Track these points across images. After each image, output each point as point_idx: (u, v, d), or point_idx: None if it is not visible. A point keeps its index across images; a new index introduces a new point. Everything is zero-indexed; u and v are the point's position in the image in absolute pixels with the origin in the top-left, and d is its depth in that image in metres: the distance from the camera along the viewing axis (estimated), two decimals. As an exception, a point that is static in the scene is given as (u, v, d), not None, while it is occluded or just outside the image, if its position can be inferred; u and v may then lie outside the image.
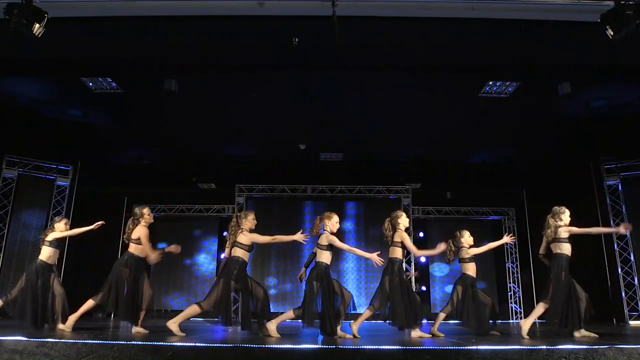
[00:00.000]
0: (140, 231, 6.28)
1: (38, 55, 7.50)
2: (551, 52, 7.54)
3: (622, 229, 6.20)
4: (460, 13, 6.13)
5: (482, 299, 6.55)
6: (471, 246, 6.81)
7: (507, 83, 8.73)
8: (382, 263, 5.82)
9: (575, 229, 5.85)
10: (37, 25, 5.47)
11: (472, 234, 6.98)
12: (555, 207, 6.03)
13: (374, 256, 5.72)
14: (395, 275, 5.78)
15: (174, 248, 6.62)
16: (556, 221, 5.89)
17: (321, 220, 5.91)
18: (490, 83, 8.72)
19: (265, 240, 5.81)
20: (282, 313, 5.80)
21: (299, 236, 5.58)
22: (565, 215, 5.93)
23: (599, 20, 5.61)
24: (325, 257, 5.72)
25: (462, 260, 6.73)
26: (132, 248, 6.29)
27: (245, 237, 5.78)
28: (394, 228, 5.97)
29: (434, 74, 8.59)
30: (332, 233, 5.80)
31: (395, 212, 6.10)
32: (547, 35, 7.00)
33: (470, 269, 6.68)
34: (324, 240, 5.76)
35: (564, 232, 5.83)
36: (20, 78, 8.82)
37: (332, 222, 5.85)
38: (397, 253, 5.88)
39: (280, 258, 14.26)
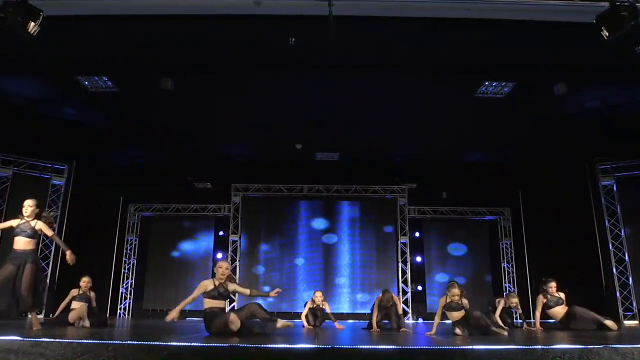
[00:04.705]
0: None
1: (33, 53, 7.47)
2: (546, 53, 7.57)
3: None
4: (456, 13, 6.14)
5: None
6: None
7: (503, 83, 8.76)
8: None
9: None
10: (32, 24, 5.44)
11: (468, 234, 7.02)
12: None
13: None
14: None
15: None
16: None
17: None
18: (487, 83, 8.75)
19: None
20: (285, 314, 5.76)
21: None
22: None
23: (594, 21, 5.63)
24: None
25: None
26: None
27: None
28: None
29: (430, 73, 8.61)
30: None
31: None
32: (542, 36, 7.02)
33: None
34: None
35: None
36: (15, 76, 8.79)
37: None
38: None
39: (273, 249, 14.29)
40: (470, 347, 3.53)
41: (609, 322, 6.72)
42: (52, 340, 3.51)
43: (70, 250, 5.82)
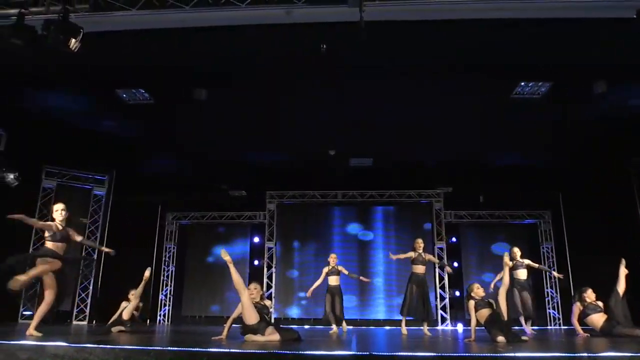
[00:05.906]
0: None
1: (74, 69, 7.75)
2: (584, 51, 7.36)
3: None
4: (490, 14, 6.04)
5: None
6: None
7: (540, 83, 8.54)
8: None
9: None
10: (73, 41, 5.65)
11: (507, 238, 6.98)
12: None
13: None
14: None
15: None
16: None
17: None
18: (523, 84, 8.55)
19: None
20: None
21: None
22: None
23: (634, 16, 5.45)
24: None
25: None
26: None
27: None
28: None
29: (465, 75, 8.47)
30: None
31: None
32: (580, 34, 6.83)
33: None
34: None
35: None
36: (58, 92, 9.12)
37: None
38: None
39: (308, 254, 14.30)
40: (513, 354, 3.45)
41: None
42: (96, 346, 3.62)
43: (104, 247, 6.33)
